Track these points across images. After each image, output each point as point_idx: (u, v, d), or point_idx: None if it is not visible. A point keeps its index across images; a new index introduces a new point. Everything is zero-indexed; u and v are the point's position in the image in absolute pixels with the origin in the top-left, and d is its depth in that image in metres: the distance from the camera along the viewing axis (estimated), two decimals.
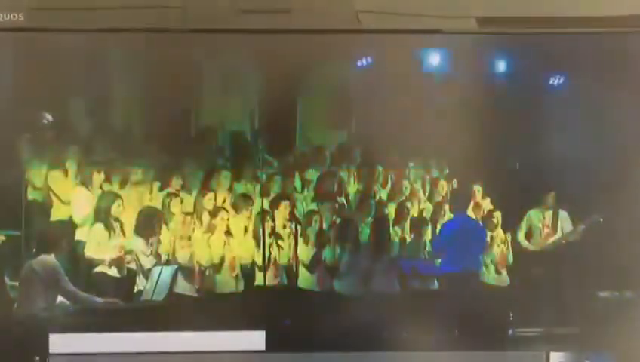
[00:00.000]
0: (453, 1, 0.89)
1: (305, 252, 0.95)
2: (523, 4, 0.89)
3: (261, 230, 0.94)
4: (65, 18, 0.84)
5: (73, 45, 0.88)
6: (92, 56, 0.88)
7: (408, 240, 0.97)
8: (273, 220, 0.94)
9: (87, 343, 0.89)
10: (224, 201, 0.95)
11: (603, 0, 0.89)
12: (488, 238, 0.97)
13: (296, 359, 0.91)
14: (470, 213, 0.98)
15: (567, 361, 0.94)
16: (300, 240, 0.95)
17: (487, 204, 0.97)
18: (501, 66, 0.94)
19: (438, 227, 0.98)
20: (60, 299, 0.90)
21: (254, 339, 0.90)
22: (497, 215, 0.97)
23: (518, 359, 0.93)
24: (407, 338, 0.92)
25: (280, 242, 0.95)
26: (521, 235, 0.98)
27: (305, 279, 0.95)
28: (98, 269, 0.92)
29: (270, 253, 0.94)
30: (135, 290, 0.92)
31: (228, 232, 0.95)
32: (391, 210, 0.98)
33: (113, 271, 0.92)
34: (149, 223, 0.93)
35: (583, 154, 0.94)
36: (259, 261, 0.94)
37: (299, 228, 0.95)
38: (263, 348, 0.90)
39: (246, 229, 0.94)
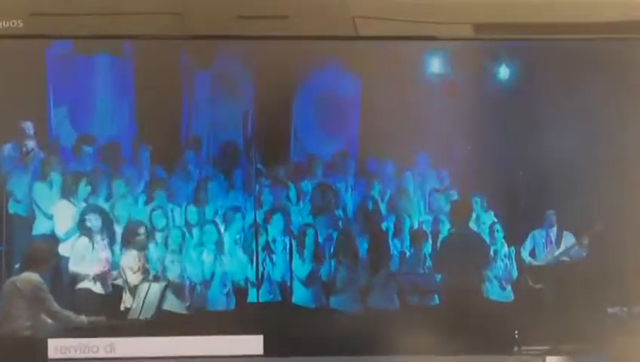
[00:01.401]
0: (450, 8, 0.88)
1: (300, 267, 0.92)
2: (520, 11, 0.88)
3: (254, 244, 0.91)
4: (64, 24, 0.84)
5: (64, 51, 0.87)
6: (81, 63, 0.87)
7: (408, 254, 0.94)
8: (266, 234, 0.92)
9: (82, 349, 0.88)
10: (215, 214, 0.92)
11: (603, 6, 0.89)
12: (492, 252, 0.94)
13: None
14: (472, 225, 0.95)
15: None
16: (295, 255, 0.92)
17: (489, 217, 0.94)
18: (502, 74, 0.92)
19: (439, 240, 0.95)
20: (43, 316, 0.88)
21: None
22: (500, 228, 0.94)
23: None
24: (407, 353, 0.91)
25: (273, 257, 0.92)
26: (524, 253, 0.95)
27: (300, 295, 0.92)
28: (83, 285, 0.89)
29: (263, 268, 0.91)
30: (122, 308, 0.89)
31: (219, 246, 0.92)
32: (389, 222, 0.94)
33: (98, 288, 0.89)
34: (135, 237, 0.90)
35: (586, 166, 0.92)
36: (252, 276, 0.91)
37: (294, 242, 0.92)
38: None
39: (237, 243, 0.91)
